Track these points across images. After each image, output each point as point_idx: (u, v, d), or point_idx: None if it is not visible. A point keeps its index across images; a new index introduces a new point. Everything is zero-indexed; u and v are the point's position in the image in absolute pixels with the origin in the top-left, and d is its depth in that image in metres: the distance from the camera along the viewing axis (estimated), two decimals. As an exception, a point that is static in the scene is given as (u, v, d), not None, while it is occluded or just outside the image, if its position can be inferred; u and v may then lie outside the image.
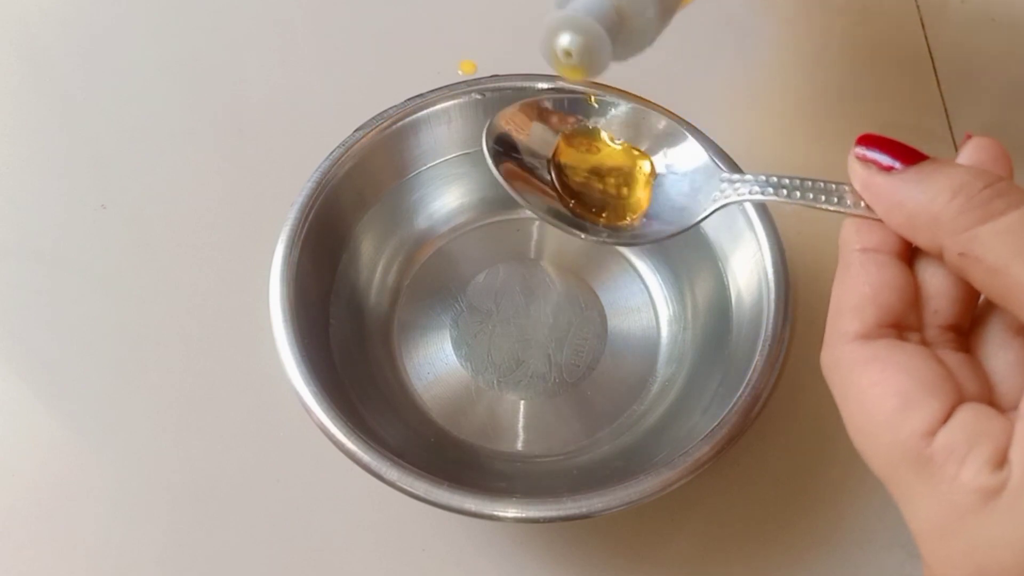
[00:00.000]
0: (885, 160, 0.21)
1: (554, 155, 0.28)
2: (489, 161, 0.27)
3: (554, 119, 0.29)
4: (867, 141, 0.21)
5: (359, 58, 0.44)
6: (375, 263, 0.36)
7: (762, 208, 0.32)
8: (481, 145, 0.27)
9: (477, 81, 0.35)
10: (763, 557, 0.33)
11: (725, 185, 0.25)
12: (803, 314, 0.38)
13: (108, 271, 0.38)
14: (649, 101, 0.28)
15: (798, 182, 0.23)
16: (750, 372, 0.29)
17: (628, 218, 0.27)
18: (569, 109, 0.29)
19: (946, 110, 0.43)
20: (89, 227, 0.39)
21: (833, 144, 0.42)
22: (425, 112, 0.34)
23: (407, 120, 0.34)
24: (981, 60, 0.44)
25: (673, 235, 0.26)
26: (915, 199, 0.20)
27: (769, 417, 0.29)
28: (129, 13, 0.46)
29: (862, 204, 0.22)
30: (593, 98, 0.28)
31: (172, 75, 0.44)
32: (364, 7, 0.46)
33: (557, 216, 0.27)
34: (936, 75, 0.44)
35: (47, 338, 0.37)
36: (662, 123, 0.28)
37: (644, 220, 0.27)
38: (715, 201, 0.25)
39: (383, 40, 0.45)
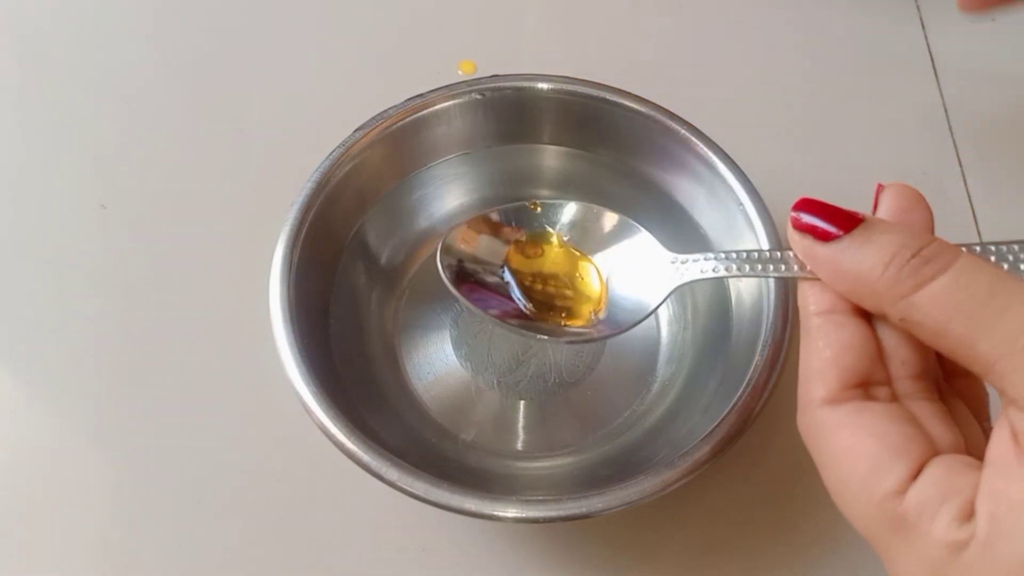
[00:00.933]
0: (821, 226, 0.21)
1: (509, 263, 0.29)
2: (445, 278, 0.28)
3: (505, 229, 0.30)
4: (803, 206, 0.22)
5: (359, 58, 0.44)
6: (375, 263, 0.36)
7: (761, 208, 0.32)
8: (436, 257, 0.28)
9: (477, 81, 0.35)
10: (763, 557, 0.33)
11: (677, 266, 0.26)
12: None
13: (108, 271, 0.38)
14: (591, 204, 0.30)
15: (744, 255, 0.24)
16: (750, 372, 0.29)
17: (589, 315, 0.28)
18: (517, 217, 0.30)
19: (946, 110, 0.43)
20: (89, 227, 0.39)
21: (832, 145, 0.42)
22: (425, 112, 0.34)
23: (407, 120, 0.34)
24: (981, 60, 0.44)
25: (632, 326, 0.27)
26: (853, 270, 0.20)
27: (769, 417, 0.29)
28: (130, 13, 0.46)
29: (808, 268, 0.22)
30: (538, 205, 0.30)
31: (172, 75, 0.44)
32: (364, 7, 0.46)
33: (519, 322, 0.28)
34: (936, 75, 0.44)
35: (47, 338, 0.37)
36: (608, 217, 0.29)
37: (604, 315, 0.28)
38: (668, 284, 0.26)
39: (383, 40, 0.45)
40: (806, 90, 0.44)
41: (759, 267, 0.24)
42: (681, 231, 0.35)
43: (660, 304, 0.26)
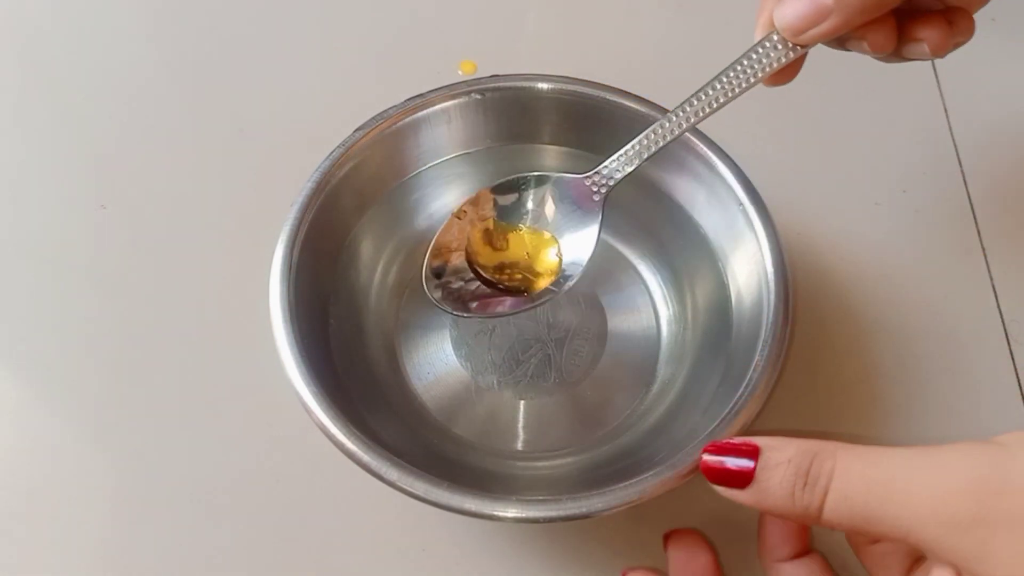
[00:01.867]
0: (731, 468, 0.25)
1: (481, 266, 0.32)
2: (442, 306, 0.31)
3: (458, 238, 0.32)
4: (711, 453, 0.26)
5: (359, 58, 0.44)
6: (375, 263, 0.36)
7: (761, 208, 0.32)
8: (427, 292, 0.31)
9: (477, 81, 0.35)
10: (763, 557, 0.33)
11: (596, 179, 0.28)
12: (803, 314, 0.38)
13: (108, 271, 0.38)
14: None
15: (651, 134, 0.27)
16: (750, 372, 0.29)
17: (560, 270, 0.31)
18: (458, 227, 0.32)
19: (946, 110, 0.43)
20: (89, 227, 0.39)
21: (832, 146, 0.42)
22: (425, 112, 0.34)
23: (407, 120, 0.34)
24: (982, 60, 0.44)
25: (593, 250, 0.30)
26: (772, 507, 0.24)
27: (769, 417, 0.29)
28: (129, 13, 0.46)
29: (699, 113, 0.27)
30: (457, 211, 0.32)
31: (172, 75, 0.44)
32: (364, 7, 0.46)
33: (514, 303, 0.31)
34: (936, 75, 0.44)
35: (47, 338, 0.37)
36: (509, 185, 0.32)
37: (570, 262, 0.31)
38: (597, 198, 0.28)
39: (383, 40, 0.45)
40: (806, 90, 0.43)
41: (667, 137, 0.26)
42: (681, 231, 0.35)
43: (601, 220, 0.28)
